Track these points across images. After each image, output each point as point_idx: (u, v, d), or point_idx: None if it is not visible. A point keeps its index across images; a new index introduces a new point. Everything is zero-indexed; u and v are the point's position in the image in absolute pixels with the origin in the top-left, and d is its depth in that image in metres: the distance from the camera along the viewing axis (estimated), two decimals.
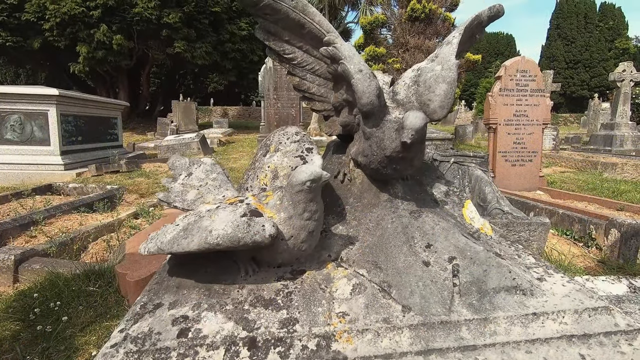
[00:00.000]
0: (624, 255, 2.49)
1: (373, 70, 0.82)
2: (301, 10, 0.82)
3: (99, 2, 9.99)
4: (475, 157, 2.87)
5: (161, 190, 0.90)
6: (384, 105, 0.81)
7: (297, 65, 0.89)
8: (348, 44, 0.80)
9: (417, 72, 0.82)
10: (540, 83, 5.03)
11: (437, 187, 0.87)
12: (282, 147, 0.69)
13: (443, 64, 0.78)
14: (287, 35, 0.87)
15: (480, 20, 0.91)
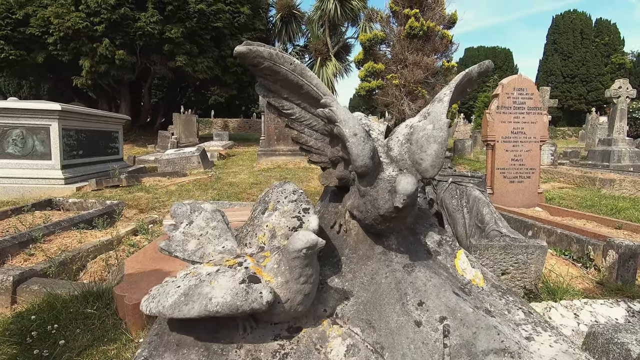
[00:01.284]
0: (622, 277, 2.49)
1: (368, 118, 0.85)
2: (299, 73, 0.86)
3: (103, 17, 10.17)
4: (473, 177, 2.90)
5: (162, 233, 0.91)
6: (378, 164, 0.84)
7: (295, 120, 0.93)
8: (344, 107, 0.83)
9: (410, 130, 0.85)
10: (538, 101, 5.10)
11: (430, 236, 0.89)
12: (279, 207, 0.71)
13: (434, 123, 0.81)
14: (285, 93, 0.91)
15: (470, 76, 0.95)
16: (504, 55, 42.71)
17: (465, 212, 2.66)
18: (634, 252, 2.48)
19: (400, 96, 8.41)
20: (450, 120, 0.83)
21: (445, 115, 0.84)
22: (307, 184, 5.74)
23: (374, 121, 1.04)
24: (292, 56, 0.86)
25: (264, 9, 14.41)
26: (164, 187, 5.43)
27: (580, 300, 2.16)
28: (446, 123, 0.81)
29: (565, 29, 36.10)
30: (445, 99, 0.86)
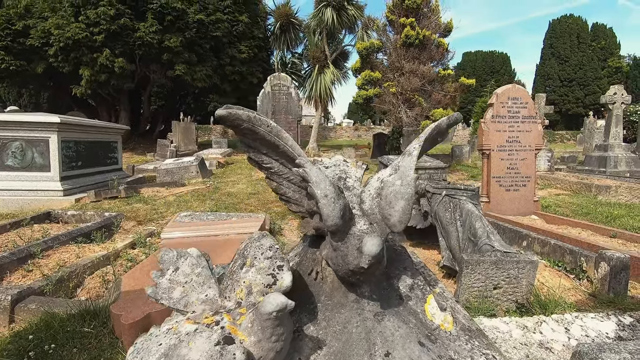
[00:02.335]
0: (614, 289, 2.52)
1: (347, 163, 0.89)
2: (275, 134, 0.91)
3: (103, 27, 10.27)
4: (466, 190, 2.94)
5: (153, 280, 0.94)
6: (350, 219, 0.87)
7: (274, 173, 0.98)
8: (316, 169, 0.87)
9: (380, 184, 0.88)
10: (532, 110, 5.15)
11: (403, 280, 0.92)
12: (256, 263, 0.75)
13: (403, 179, 0.84)
14: (264, 150, 0.95)
15: (440, 129, 0.99)
16: (501, 60, 43.00)
17: (459, 226, 2.69)
18: (625, 264, 2.51)
19: (397, 104, 8.47)
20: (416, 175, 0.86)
21: (413, 170, 0.88)
22: None
23: (352, 166, 1.07)
24: (269, 120, 0.91)
25: (262, 17, 14.55)
26: (162, 197, 5.46)
27: (572, 314, 2.19)
28: (413, 179, 0.85)
29: (562, 33, 36.39)
30: (414, 153, 0.90)
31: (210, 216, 4.24)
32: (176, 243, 3.44)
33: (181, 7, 10.76)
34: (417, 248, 3.51)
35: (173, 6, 10.60)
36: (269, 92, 7.52)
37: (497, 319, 2.09)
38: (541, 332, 2.01)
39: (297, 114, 7.69)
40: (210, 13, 11.50)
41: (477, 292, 2.20)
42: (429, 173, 3.85)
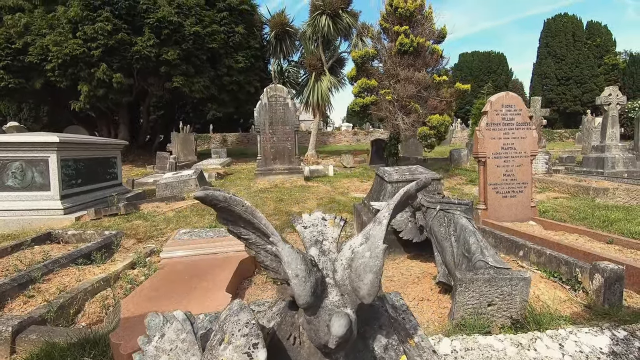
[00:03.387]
0: (609, 300, 2.54)
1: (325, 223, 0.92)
2: (250, 213, 0.96)
3: (100, 42, 10.38)
4: (460, 204, 2.97)
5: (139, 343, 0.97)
6: (322, 292, 0.91)
7: (252, 243, 1.03)
8: (288, 248, 0.92)
9: (351, 254, 0.92)
10: (526, 117, 5.18)
11: (378, 339, 0.95)
12: (233, 340, 0.78)
13: (372, 250, 0.88)
14: (242, 224, 1.00)
15: (409, 194, 1.03)
16: (498, 60, 43.13)
17: (453, 241, 2.72)
18: (619, 275, 2.53)
19: (394, 111, 8.52)
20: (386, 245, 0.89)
21: (382, 240, 0.91)
22: (302, 204, 5.81)
23: (330, 224, 1.11)
24: (243, 200, 0.96)
25: (258, 27, 14.67)
26: (162, 213, 5.50)
27: (566, 329, 2.21)
28: (382, 250, 0.88)
29: (557, 32, 36.54)
30: (384, 222, 0.93)
31: (209, 233, 4.28)
32: (175, 262, 3.47)
33: (177, 21, 10.87)
34: (415, 260, 3.54)
35: (169, 20, 10.71)
36: (266, 103, 7.57)
37: (492, 336, 2.11)
38: (535, 349, 2.03)
39: (295, 124, 7.74)
40: (206, 25, 11.62)
41: (471, 309, 2.22)
42: None
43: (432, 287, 2.82)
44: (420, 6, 8.47)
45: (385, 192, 3.95)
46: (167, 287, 2.75)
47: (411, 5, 8.21)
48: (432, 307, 2.59)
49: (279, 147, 7.86)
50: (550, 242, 3.71)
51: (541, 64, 37.40)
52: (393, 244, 3.65)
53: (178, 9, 11.01)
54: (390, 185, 3.88)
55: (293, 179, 7.77)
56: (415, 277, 3.09)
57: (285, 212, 5.38)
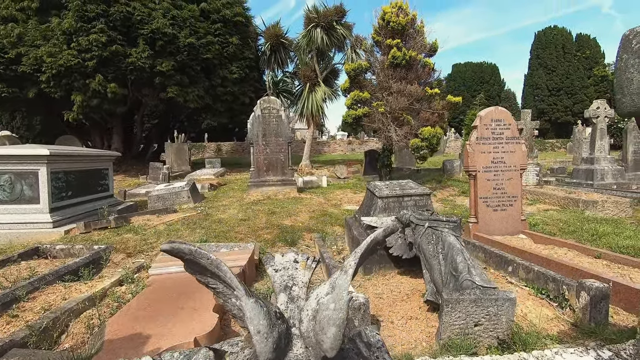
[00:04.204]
0: (595, 318, 2.55)
1: (297, 265, 0.93)
2: (215, 266, 0.97)
3: (95, 53, 10.39)
4: (448, 222, 2.99)
5: None
6: (287, 345, 0.91)
7: (220, 293, 1.04)
8: (252, 303, 0.93)
9: (317, 305, 0.93)
10: (515, 131, 5.25)
11: None
12: None
13: (336, 302, 0.89)
14: (209, 275, 1.01)
15: (377, 240, 1.05)
16: (490, 70, 43.83)
17: (441, 259, 2.73)
18: (604, 294, 2.55)
19: (387, 122, 8.60)
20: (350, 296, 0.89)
21: (347, 290, 0.92)
22: (295, 217, 5.80)
23: (302, 267, 1.12)
24: (208, 253, 0.97)
25: (252, 38, 14.81)
26: (152, 226, 5.46)
27: (552, 349, 2.21)
28: (346, 302, 0.89)
29: (547, 44, 37.28)
30: (350, 271, 0.94)
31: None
32: (164, 279, 3.44)
33: (172, 32, 10.94)
34: (405, 276, 3.54)
35: (164, 31, 10.78)
36: (259, 115, 7.61)
37: (479, 357, 2.11)
38: None
39: (288, 136, 7.77)
40: (200, 37, 11.70)
41: (458, 329, 2.23)
42: (414, 200, 3.90)
43: (421, 305, 2.82)
44: (412, 20, 8.62)
45: (375, 206, 3.97)
46: (154, 306, 2.72)
47: (403, 20, 8.35)
48: (420, 325, 2.59)
49: (272, 159, 7.87)
50: (540, 257, 3.73)
51: (532, 75, 38.05)
52: (383, 260, 3.66)
53: (172, 20, 11.09)
54: (381, 200, 3.90)
55: (286, 191, 7.77)
56: (405, 294, 3.08)
57: (277, 225, 5.37)
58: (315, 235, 4.90)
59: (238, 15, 12.92)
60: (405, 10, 8.71)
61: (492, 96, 41.25)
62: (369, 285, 3.37)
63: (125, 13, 10.65)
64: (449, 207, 7.36)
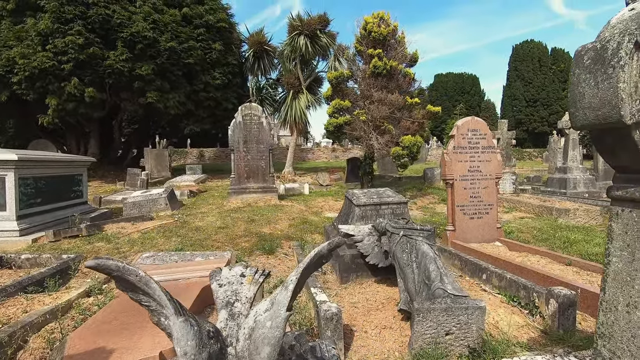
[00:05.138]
0: (563, 325, 2.60)
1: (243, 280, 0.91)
2: (144, 284, 0.95)
3: (71, 56, 10.12)
4: (422, 230, 3.01)
5: None
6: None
7: (153, 311, 1.01)
8: (180, 322, 0.90)
9: (253, 324, 0.91)
10: (491, 141, 5.38)
11: None
12: None
13: (273, 319, 0.87)
14: (141, 292, 0.98)
15: (321, 254, 1.04)
16: (471, 81, 45.04)
17: (415, 268, 2.74)
18: (572, 301, 2.61)
19: (368, 131, 8.67)
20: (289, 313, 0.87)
21: (286, 307, 0.90)
22: (274, 225, 5.74)
23: (248, 281, 1.09)
24: (137, 269, 0.94)
25: (236, 44, 14.76)
26: (127, 234, 5.29)
27: (520, 357, 2.24)
28: (284, 320, 0.87)
29: (524, 57, 38.67)
30: (290, 287, 0.92)
31: (174, 256, 4.15)
32: None
33: (152, 36, 10.78)
34: (382, 285, 3.53)
35: (144, 35, 10.61)
36: (240, 121, 7.55)
37: None
38: None
39: (269, 143, 7.73)
40: (182, 41, 11.57)
41: (430, 338, 2.23)
42: (392, 208, 3.92)
43: (395, 314, 2.82)
44: (393, 31, 8.78)
45: (353, 215, 3.97)
46: (120, 319, 2.61)
47: (384, 30, 8.50)
48: (394, 335, 2.58)
49: (253, 166, 7.80)
50: (513, 265, 3.80)
51: (511, 86, 39.32)
52: (361, 268, 3.65)
53: (153, 24, 10.94)
54: (358, 208, 3.90)
55: (267, 198, 7.70)
56: (380, 303, 3.07)
57: (256, 233, 5.30)
58: (294, 244, 4.85)
59: (221, 21, 12.87)
60: (387, 21, 8.88)
61: (473, 106, 42.34)
62: (345, 294, 3.35)
63: (104, 15, 10.44)
64: (429, 215, 7.45)
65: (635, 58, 1.04)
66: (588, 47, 1.14)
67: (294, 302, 0.99)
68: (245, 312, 0.98)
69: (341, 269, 3.63)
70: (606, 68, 1.05)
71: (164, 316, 0.91)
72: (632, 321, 1.17)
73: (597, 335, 1.33)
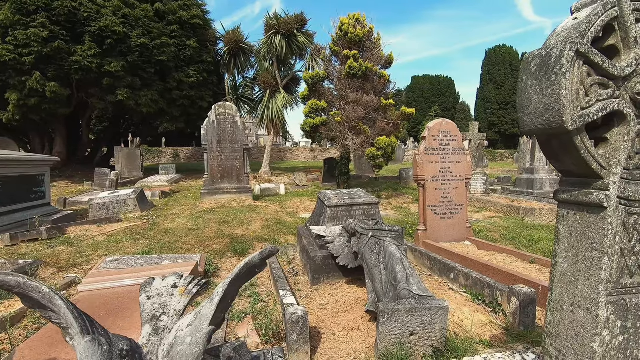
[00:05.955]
0: (524, 322, 2.69)
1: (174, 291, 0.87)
2: (49, 300, 0.90)
3: (33, 49, 9.61)
4: (391, 231, 3.04)
5: None
6: None
7: (65, 328, 0.96)
8: (86, 342, 0.86)
9: (174, 339, 0.87)
10: (461, 142, 5.51)
11: None
12: None
13: (194, 335, 0.84)
14: (49, 309, 0.93)
15: (252, 264, 1.02)
16: (447, 83, 46.18)
17: (382, 269, 2.76)
18: (532, 299, 2.70)
19: (344, 131, 8.70)
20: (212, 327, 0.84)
21: (209, 321, 0.86)
22: (247, 226, 5.66)
23: (180, 292, 1.05)
24: (41, 285, 0.89)
25: (212, 42, 14.47)
26: (91, 237, 5.08)
27: (481, 355, 2.30)
28: (205, 334, 0.84)
29: (497, 61, 40.02)
30: (216, 300, 0.89)
31: (139, 260, 4.00)
32: (94, 296, 3.18)
33: (122, 31, 10.40)
34: (352, 285, 3.54)
35: (114, 30, 10.22)
36: (214, 120, 7.40)
37: None
38: None
39: (244, 142, 7.61)
40: (155, 37, 11.23)
41: (394, 339, 2.24)
42: (363, 209, 3.94)
43: (364, 315, 2.82)
44: (368, 33, 8.85)
45: (325, 216, 3.95)
46: None
47: (360, 32, 8.55)
48: (361, 336, 2.58)
49: (227, 166, 7.66)
50: (480, 264, 3.90)
51: (484, 89, 40.59)
52: (332, 269, 3.64)
53: (124, 19, 10.55)
54: (330, 209, 3.90)
55: (241, 199, 7.59)
56: (349, 304, 3.07)
57: (228, 235, 5.20)
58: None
59: (195, 18, 12.58)
60: (363, 22, 8.94)
61: (448, 108, 43.44)
62: (315, 296, 3.33)
63: (71, 8, 9.98)
64: (403, 215, 7.57)
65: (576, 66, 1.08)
66: (535, 54, 1.16)
67: (224, 314, 0.95)
68: (171, 326, 0.94)
69: (312, 270, 3.61)
70: (550, 75, 1.08)
71: (69, 336, 0.85)
72: (576, 320, 1.21)
73: (545, 334, 1.37)
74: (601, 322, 1.15)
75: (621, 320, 1.18)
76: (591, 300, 1.16)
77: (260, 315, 2.87)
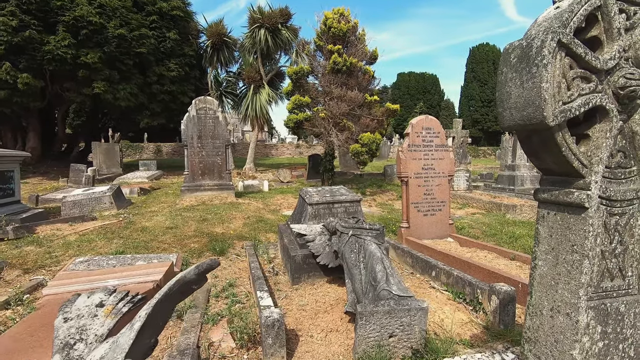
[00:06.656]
0: (504, 321, 2.67)
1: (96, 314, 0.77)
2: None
3: (3, 39, 9.13)
4: (371, 229, 2.97)
5: None
6: None
7: None
8: None
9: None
10: (444, 139, 5.50)
11: None
12: None
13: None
14: None
15: (187, 280, 0.92)
16: (432, 81, 46.61)
17: (362, 268, 2.69)
18: (512, 297, 2.68)
19: (328, 127, 8.61)
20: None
21: (125, 352, 0.76)
22: (227, 224, 5.52)
23: (105, 313, 0.95)
24: None
25: (194, 35, 14.11)
26: (62, 237, 4.85)
27: (461, 356, 2.26)
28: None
29: (480, 59, 40.59)
30: (136, 326, 0.79)
31: (112, 260, 3.82)
32: (60, 300, 3.00)
33: (99, 21, 9.99)
34: (333, 285, 3.47)
35: (89, 20, 9.81)
36: (195, 115, 7.19)
37: None
38: None
39: (225, 138, 7.43)
40: (133, 28, 10.84)
41: (373, 341, 2.17)
42: (345, 206, 3.87)
43: (343, 316, 2.75)
44: (353, 28, 8.76)
45: (306, 213, 3.86)
46: (37, 334, 2.33)
47: (344, 27, 8.45)
48: (340, 338, 2.51)
49: (208, 162, 7.47)
50: (462, 261, 3.89)
51: (468, 87, 41.14)
52: (313, 269, 3.56)
53: (100, 9, 10.14)
54: (311, 207, 3.81)
55: (223, 196, 7.42)
56: (329, 304, 3.00)
57: (208, 233, 5.05)
58: (247, 244, 4.67)
59: (176, 9, 12.23)
60: (347, 17, 8.84)
61: (433, 105, 43.85)
62: (295, 296, 3.25)
63: None
64: (387, 211, 7.54)
65: (558, 57, 1.01)
66: (515, 45, 1.09)
67: (154, 340, 0.85)
68: (86, 356, 0.83)
69: (293, 269, 3.52)
70: (530, 67, 1.01)
71: None
72: (555, 326, 1.16)
73: (523, 340, 1.31)
74: (581, 327, 1.10)
75: (601, 325, 1.13)
76: (571, 305, 1.11)
77: (236, 317, 2.77)
